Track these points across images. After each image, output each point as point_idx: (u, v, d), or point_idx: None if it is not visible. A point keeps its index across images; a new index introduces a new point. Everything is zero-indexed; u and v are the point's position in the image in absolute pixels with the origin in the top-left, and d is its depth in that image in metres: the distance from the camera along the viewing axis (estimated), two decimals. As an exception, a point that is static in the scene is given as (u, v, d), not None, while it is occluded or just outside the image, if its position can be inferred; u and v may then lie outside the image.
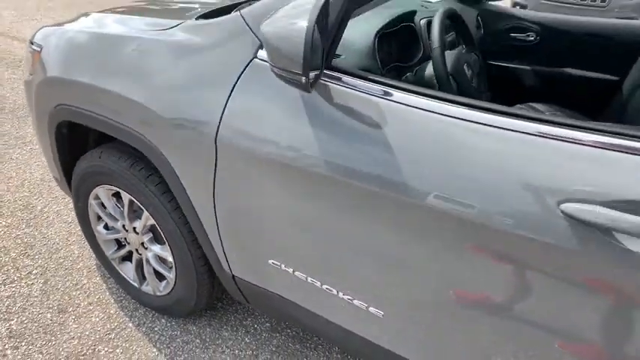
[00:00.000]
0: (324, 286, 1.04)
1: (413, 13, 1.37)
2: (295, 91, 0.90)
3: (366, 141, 0.85)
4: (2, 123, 2.92)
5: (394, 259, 0.88)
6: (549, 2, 4.66)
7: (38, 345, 1.48)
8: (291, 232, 1.02)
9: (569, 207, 0.65)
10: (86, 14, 1.45)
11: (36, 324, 1.55)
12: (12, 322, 1.55)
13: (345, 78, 0.89)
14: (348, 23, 0.89)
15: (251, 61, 0.96)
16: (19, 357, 1.44)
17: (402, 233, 0.84)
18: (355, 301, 1.00)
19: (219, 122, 0.98)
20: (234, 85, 0.97)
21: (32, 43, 1.43)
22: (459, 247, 0.78)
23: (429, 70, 1.24)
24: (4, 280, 1.72)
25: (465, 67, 1.22)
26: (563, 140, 0.69)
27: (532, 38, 1.98)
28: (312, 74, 0.75)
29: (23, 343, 1.48)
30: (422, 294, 0.88)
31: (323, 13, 0.72)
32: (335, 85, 0.89)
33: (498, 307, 0.80)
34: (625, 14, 4.08)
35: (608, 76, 1.77)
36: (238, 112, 0.97)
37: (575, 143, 0.68)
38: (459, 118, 0.77)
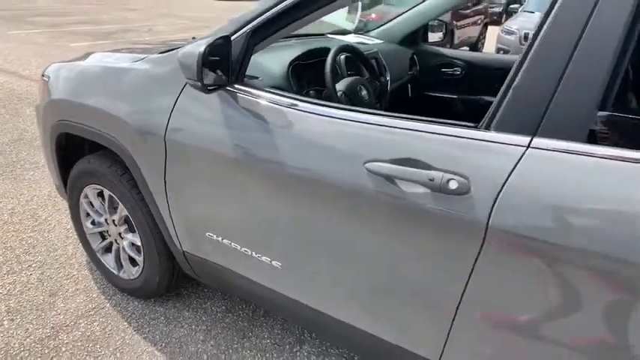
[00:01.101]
0: (246, 250, 1.35)
1: (327, 49, 1.75)
2: (216, 101, 1.27)
3: (267, 135, 1.19)
4: (20, 151, 3.37)
5: (292, 224, 1.19)
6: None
7: (30, 318, 1.79)
8: (218, 208, 1.35)
9: (370, 165, 0.98)
10: (89, 53, 1.88)
11: (30, 303, 1.87)
12: (10, 302, 1.87)
13: (256, 92, 1.25)
14: (271, 54, 1.25)
15: (186, 84, 1.34)
16: (14, 326, 1.74)
17: (297, 205, 1.16)
18: (273, 262, 1.30)
19: (167, 125, 1.35)
20: (177, 100, 1.34)
21: (43, 75, 1.85)
22: (323, 207, 1.10)
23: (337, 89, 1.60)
24: (8, 271, 2.06)
25: (359, 88, 1.58)
26: (372, 124, 1.03)
27: (459, 72, 2.36)
28: (206, 81, 1.12)
29: (18, 317, 1.79)
30: (314, 251, 1.19)
31: (213, 44, 1.10)
32: (246, 96, 1.25)
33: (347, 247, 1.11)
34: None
35: None
36: (179, 118, 1.33)
37: (377, 125, 1.02)
38: (331, 117, 1.11)
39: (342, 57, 1.64)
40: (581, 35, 0.81)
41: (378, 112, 1.05)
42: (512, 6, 9.57)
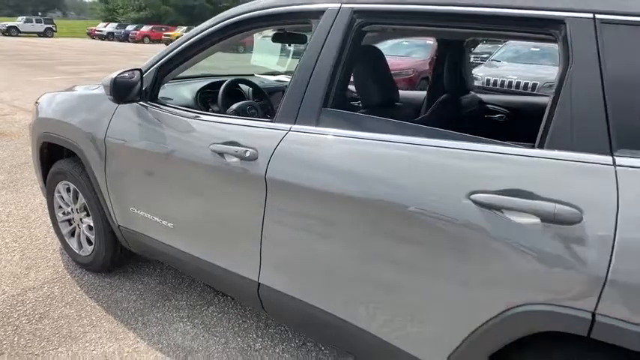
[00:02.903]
0: (155, 218, 1.90)
1: (223, 82, 2.38)
2: (137, 112, 1.87)
3: (172, 135, 1.77)
4: (24, 171, 4.05)
5: (185, 198, 1.75)
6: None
7: (7, 282, 2.33)
8: (138, 189, 1.93)
9: (219, 148, 1.56)
10: (75, 85, 2.54)
11: (9, 274, 2.41)
12: (-5, 273, 2.43)
13: (164, 107, 1.85)
14: (189, 85, 1.88)
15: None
16: (-6, 288, 2.29)
17: (189, 183, 1.71)
18: (169, 224, 1.85)
19: (107, 130, 1.95)
20: (114, 112, 1.95)
21: (36, 102, 2.51)
22: (204, 182, 1.67)
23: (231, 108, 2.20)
24: (-3, 252, 2.63)
25: (248, 107, 2.17)
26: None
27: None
28: (124, 99, 1.74)
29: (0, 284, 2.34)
30: (197, 213, 1.74)
31: (124, 73, 1.72)
32: (156, 109, 1.85)
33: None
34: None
35: None
36: (114, 124, 1.94)
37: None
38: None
39: (244, 86, 2.28)
40: (315, 65, 1.40)
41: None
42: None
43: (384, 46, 4.68)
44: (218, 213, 1.64)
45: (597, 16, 1.03)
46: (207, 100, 2.22)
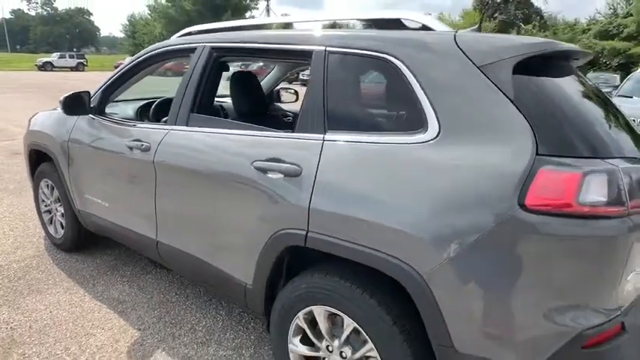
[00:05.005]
0: (98, 200, 2.56)
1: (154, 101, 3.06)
2: (88, 123, 2.56)
3: (113, 139, 2.45)
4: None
5: (117, 183, 2.41)
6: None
7: (1, 259, 3.03)
8: (89, 179, 2.60)
9: (129, 142, 2.22)
10: (57, 107, 3.28)
11: (1, 251, 3.11)
12: (-8, 251, 3.13)
13: (108, 118, 2.54)
14: (132, 104, 2.60)
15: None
16: (-12, 260, 2.98)
17: (117, 172, 2.38)
18: (105, 203, 2.51)
19: (69, 137, 2.65)
20: (75, 122, 2.65)
21: (29, 120, 3.26)
22: (125, 169, 2.32)
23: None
24: (-4, 238, 3.34)
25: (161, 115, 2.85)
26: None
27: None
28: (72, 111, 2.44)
29: (-7, 257, 3.04)
30: (122, 194, 2.39)
31: (73, 94, 2.42)
32: (101, 120, 2.54)
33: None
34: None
35: None
36: (74, 133, 2.63)
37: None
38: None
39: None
40: (188, 84, 2.06)
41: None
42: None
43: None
44: (130, 191, 2.29)
45: (327, 48, 1.65)
46: (145, 113, 2.92)
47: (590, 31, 25.21)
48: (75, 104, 2.44)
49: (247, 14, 41.48)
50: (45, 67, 32.02)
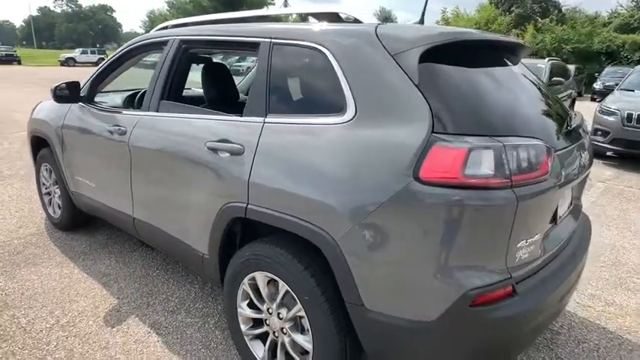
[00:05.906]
0: (87, 181, 2.79)
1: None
2: (79, 109, 2.79)
3: (99, 124, 2.67)
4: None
5: (102, 166, 2.64)
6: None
7: (3, 234, 3.30)
8: (79, 162, 2.84)
9: (112, 128, 2.43)
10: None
11: (6, 230, 3.39)
12: (-3, 229, 3.42)
13: (95, 105, 2.77)
14: (120, 94, 2.83)
15: (74, 101, 2.90)
16: (-7, 237, 3.26)
17: (100, 154, 2.60)
18: (92, 184, 2.74)
19: (63, 123, 2.89)
20: (68, 109, 2.89)
21: (33, 110, 3.52)
22: (108, 152, 2.55)
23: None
24: (2, 217, 3.63)
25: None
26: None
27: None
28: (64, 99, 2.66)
29: (-3, 234, 3.32)
30: (106, 177, 2.61)
31: (62, 84, 2.64)
32: (90, 108, 2.77)
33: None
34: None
35: None
36: (67, 120, 2.87)
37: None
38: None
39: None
40: (159, 74, 2.25)
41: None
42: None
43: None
44: (110, 172, 2.51)
45: (272, 40, 1.81)
46: (131, 102, 3.14)
47: (610, 24, 24.53)
48: (63, 94, 2.67)
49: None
50: (67, 62, 32.98)
